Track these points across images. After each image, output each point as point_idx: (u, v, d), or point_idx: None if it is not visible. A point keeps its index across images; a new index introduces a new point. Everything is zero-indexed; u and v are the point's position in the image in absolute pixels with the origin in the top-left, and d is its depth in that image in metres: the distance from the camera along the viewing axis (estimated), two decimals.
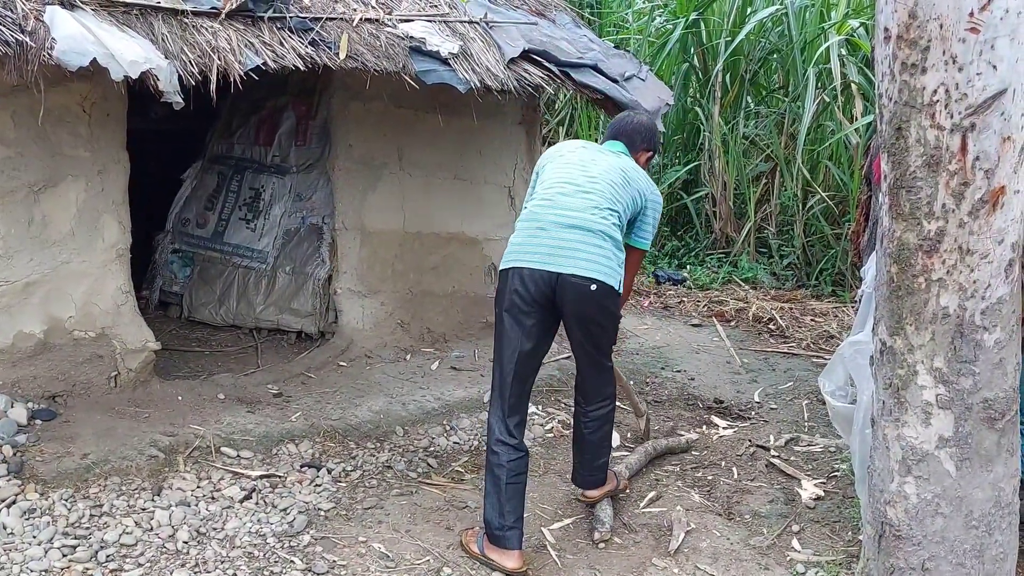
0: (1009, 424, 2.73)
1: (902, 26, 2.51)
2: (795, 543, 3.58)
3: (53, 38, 3.45)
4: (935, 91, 2.50)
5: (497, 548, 3.28)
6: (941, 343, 2.67)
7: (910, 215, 2.63)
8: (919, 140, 2.55)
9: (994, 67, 2.46)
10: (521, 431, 3.41)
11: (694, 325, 6.68)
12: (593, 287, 3.26)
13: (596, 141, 9.22)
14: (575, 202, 3.35)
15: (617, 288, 3.35)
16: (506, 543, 3.27)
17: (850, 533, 3.62)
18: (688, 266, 8.25)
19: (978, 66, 2.46)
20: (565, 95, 9.29)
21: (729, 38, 8.18)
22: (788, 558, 3.47)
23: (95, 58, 3.45)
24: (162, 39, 3.80)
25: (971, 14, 2.43)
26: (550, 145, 10.44)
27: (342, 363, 5.12)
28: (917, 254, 2.64)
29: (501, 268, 3.41)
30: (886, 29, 2.57)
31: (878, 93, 2.68)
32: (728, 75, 8.44)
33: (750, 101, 8.76)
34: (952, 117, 2.50)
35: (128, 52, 3.54)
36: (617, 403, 3.88)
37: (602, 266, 3.30)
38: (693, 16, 8.51)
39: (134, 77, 3.53)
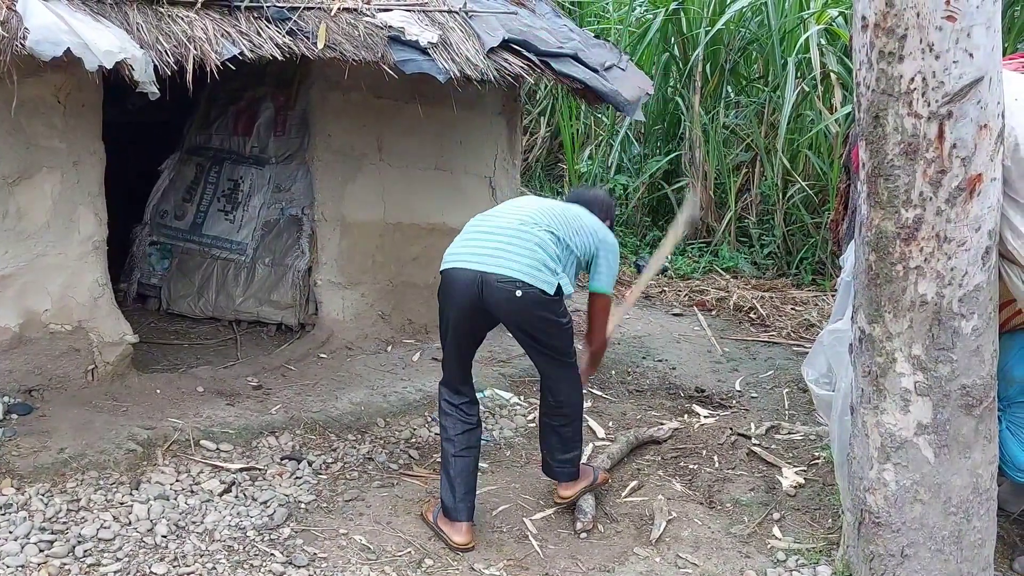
0: (987, 411, 2.76)
1: (879, 14, 2.52)
2: (776, 531, 3.59)
3: (26, 28, 3.39)
4: (912, 79, 2.50)
5: (448, 521, 3.39)
6: (919, 331, 2.68)
7: (888, 203, 2.64)
8: (896, 128, 2.56)
9: (970, 55, 2.47)
10: (469, 396, 3.49)
11: (675, 314, 6.69)
12: (518, 292, 3.23)
13: (575, 133, 9.24)
14: (509, 219, 3.41)
15: (552, 295, 3.29)
16: (456, 515, 3.37)
17: (830, 520, 3.64)
18: (669, 256, 8.25)
19: (955, 54, 2.46)
20: (546, 85, 9.27)
21: (709, 27, 8.18)
22: (769, 546, 3.49)
23: (69, 48, 3.41)
24: (137, 29, 3.75)
25: (947, 2, 2.44)
26: (530, 135, 10.35)
27: (322, 355, 5.09)
28: (895, 242, 2.65)
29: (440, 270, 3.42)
30: (863, 17, 2.57)
31: (856, 82, 2.68)
32: (708, 65, 8.44)
33: (730, 91, 8.77)
34: (929, 105, 2.51)
35: (103, 42, 3.50)
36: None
37: (531, 268, 3.25)
38: (673, 6, 8.50)
39: (109, 67, 3.49)
